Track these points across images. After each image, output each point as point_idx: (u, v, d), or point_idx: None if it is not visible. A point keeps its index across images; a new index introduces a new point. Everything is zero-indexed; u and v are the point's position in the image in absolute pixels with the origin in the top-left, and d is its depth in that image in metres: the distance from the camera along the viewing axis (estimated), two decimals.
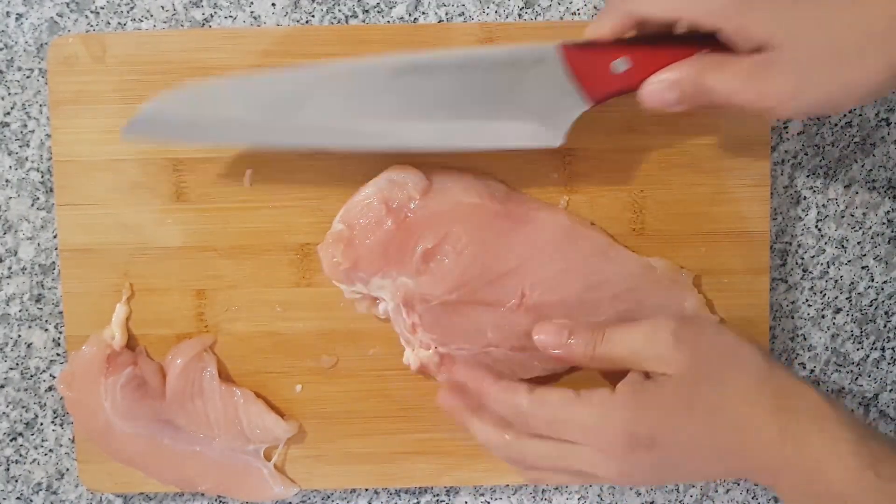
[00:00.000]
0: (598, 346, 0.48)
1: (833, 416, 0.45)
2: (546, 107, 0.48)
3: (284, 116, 0.49)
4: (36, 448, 0.57)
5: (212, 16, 0.54)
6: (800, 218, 0.56)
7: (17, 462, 0.57)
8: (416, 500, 0.58)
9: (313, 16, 0.54)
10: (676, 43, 0.46)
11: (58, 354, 0.56)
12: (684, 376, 0.46)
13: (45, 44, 0.54)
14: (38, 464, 0.57)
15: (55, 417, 0.57)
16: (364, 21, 0.54)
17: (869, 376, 0.57)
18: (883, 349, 0.57)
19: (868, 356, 0.57)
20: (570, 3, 0.54)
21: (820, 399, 0.45)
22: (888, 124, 0.55)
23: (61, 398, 0.56)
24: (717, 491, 0.57)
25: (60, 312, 0.56)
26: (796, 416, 0.45)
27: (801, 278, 0.56)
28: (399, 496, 0.58)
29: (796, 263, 0.56)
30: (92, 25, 0.54)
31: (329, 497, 0.58)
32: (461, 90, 0.48)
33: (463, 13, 0.54)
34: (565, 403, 0.46)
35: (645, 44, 0.46)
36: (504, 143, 0.49)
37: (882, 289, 0.56)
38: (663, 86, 0.46)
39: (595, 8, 0.54)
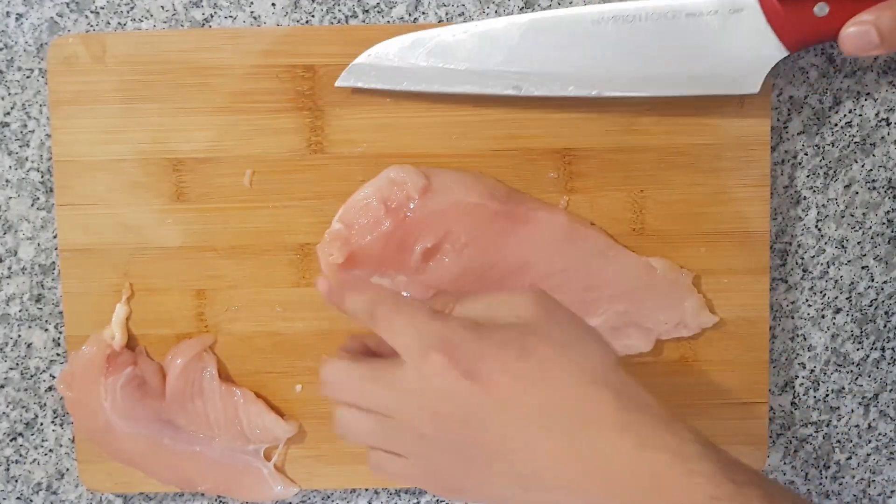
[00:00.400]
0: (457, 307, 0.45)
1: (678, 422, 0.40)
2: (744, 54, 0.50)
3: (497, 64, 0.51)
4: (36, 448, 0.57)
5: (212, 16, 0.54)
6: (800, 218, 0.56)
7: (17, 462, 0.57)
8: (416, 500, 0.58)
9: (313, 16, 0.54)
10: None
11: (58, 354, 0.56)
12: (531, 325, 0.42)
13: (45, 44, 0.54)
14: (38, 464, 0.57)
15: (55, 417, 0.57)
16: (364, 21, 0.54)
17: (869, 376, 0.57)
18: (883, 349, 0.57)
19: (868, 356, 0.57)
20: (570, 3, 0.54)
21: (664, 407, 0.41)
22: (888, 124, 0.55)
23: (61, 398, 0.56)
24: None
25: (60, 312, 0.56)
26: (640, 413, 0.40)
27: (801, 278, 0.56)
28: (399, 496, 0.58)
29: (796, 263, 0.56)
30: (92, 25, 0.54)
31: (329, 497, 0.58)
32: (659, 38, 0.50)
33: (463, 13, 0.54)
34: (412, 307, 0.43)
35: None
36: (702, 90, 0.50)
37: (882, 289, 0.56)
38: (862, 28, 0.46)
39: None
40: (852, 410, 0.57)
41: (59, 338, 0.56)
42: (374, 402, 0.43)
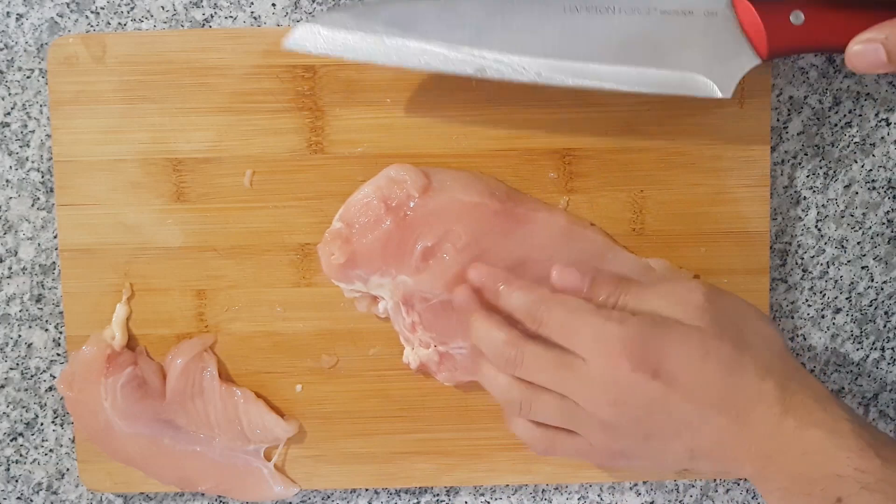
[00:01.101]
0: (621, 299, 0.47)
1: (834, 400, 0.44)
2: (716, 59, 0.49)
3: (460, 43, 0.49)
4: (36, 448, 0.57)
5: (212, 16, 0.54)
6: (800, 218, 0.56)
7: (17, 462, 0.57)
8: (416, 500, 0.58)
9: (313, 16, 0.54)
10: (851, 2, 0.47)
11: (58, 354, 0.56)
12: (706, 330, 0.45)
13: (46, 44, 0.54)
14: (39, 464, 0.57)
15: (55, 417, 0.57)
16: None
17: (869, 376, 0.57)
18: (883, 349, 0.57)
19: (868, 356, 0.57)
20: None
21: (821, 385, 0.45)
22: (888, 124, 0.55)
23: (61, 398, 0.56)
24: (716, 491, 0.57)
25: (60, 312, 0.56)
26: (801, 395, 0.44)
27: (801, 278, 0.56)
28: (399, 496, 0.58)
29: (796, 263, 0.56)
30: (92, 26, 0.54)
31: (329, 497, 0.58)
32: (630, 34, 0.49)
33: None
34: (583, 309, 0.45)
35: (819, 2, 0.47)
36: (671, 91, 0.49)
37: (882, 289, 0.56)
38: (870, 46, 0.46)
39: None
40: None
41: (59, 338, 0.56)
42: (563, 388, 0.46)
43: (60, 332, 0.56)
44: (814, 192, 0.56)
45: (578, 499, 0.57)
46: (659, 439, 0.45)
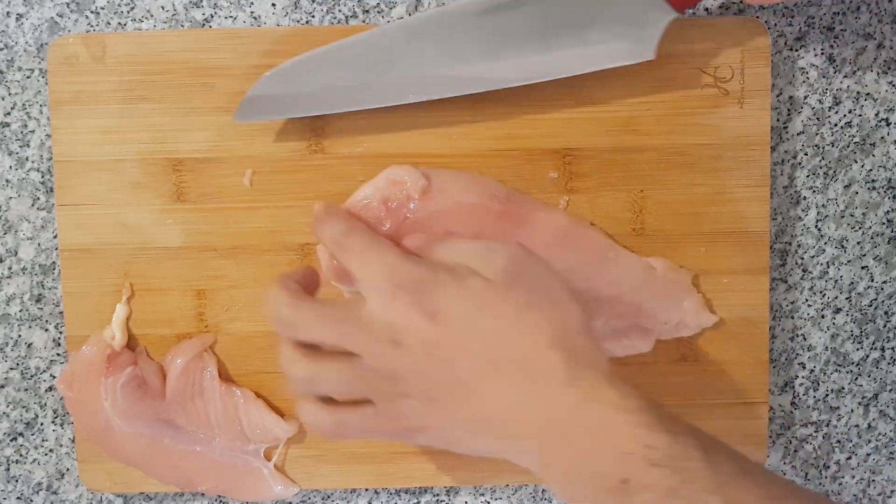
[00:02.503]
0: (432, 247, 0.46)
1: (624, 382, 0.42)
2: (633, 22, 0.49)
3: (382, 74, 0.50)
4: (36, 448, 0.57)
5: (212, 16, 0.54)
6: (800, 218, 0.56)
7: (17, 462, 0.57)
8: (416, 500, 0.58)
9: (313, 16, 0.54)
10: None
11: (58, 354, 0.56)
12: (494, 285, 0.43)
13: (46, 44, 0.54)
14: (39, 464, 0.57)
15: (55, 417, 0.57)
16: (364, 21, 0.54)
17: (869, 376, 0.57)
18: (883, 349, 0.57)
19: (868, 356, 0.57)
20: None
21: (613, 368, 0.43)
22: (888, 124, 0.55)
23: (61, 398, 0.56)
24: None
25: (60, 312, 0.56)
26: (590, 371, 0.42)
27: (801, 278, 0.56)
28: (399, 496, 0.58)
29: (796, 263, 0.56)
30: (92, 25, 0.54)
31: (329, 497, 0.58)
32: (548, 19, 0.49)
33: None
34: (383, 246, 0.45)
35: None
36: (598, 65, 0.50)
37: (882, 289, 0.56)
38: None
39: None
40: (852, 410, 0.57)
41: (59, 338, 0.56)
42: (340, 340, 0.44)
43: (60, 332, 0.56)
44: (814, 192, 0.56)
45: None
46: (443, 403, 0.43)
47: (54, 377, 0.56)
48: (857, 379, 0.57)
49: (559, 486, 0.42)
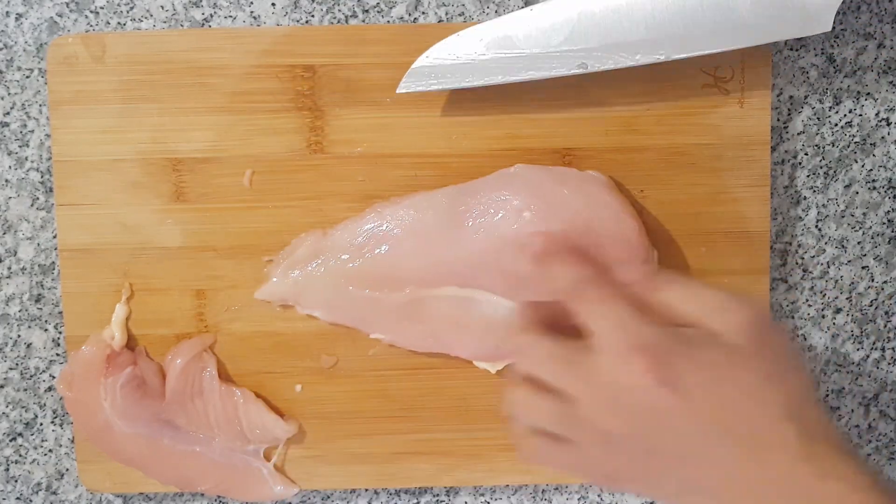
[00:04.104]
0: (668, 292, 0.45)
1: (856, 454, 0.41)
2: None
3: (559, 45, 0.50)
4: (36, 448, 0.57)
5: (211, 16, 0.54)
6: (800, 218, 0.56)
7: (16, 462, 0.57)
8: (416, 500, 0.58)
9: (313, 16, 0.54)
10: None
11: (57, 354, 0.56)
12: (737, 353, 0.42)
13: (45, 44, 0.54)
14: (38, 464, 0.57)
15: (55, 417, 0.57)
16: (364, 21, 0.54)
17: (869, 376, 0.57)
18: (883, 349, 0.57)
19: (868, 356, 0.57)
20: None
21: (844, 438, 0.42)
22: (888, 124, 0.55)
23: (61, 398, 0.56)
24: None
25: (60, 312, 0.56)
26: (823, 445, 0.41)
27: (801, 278, 0.56)
28: (399, 496, 0.58)
29: (796, 263, 0.56)
30: (92, 25, 0.54)
31: (329, 497, 0.58)
32: None
33: (463, 13, 0.54)
34: (620, 298, 0.44)
35: None
36: (773, 36, 0.49)
37: (882, 289, 0.56)
38: None
39: None
40: (852, 410, 0.57)
41: (58, 338, 0.56)
42: (563, 383, 0.43)
43: (60, 332, 0.56)
44: (814, 191, 0.56)
45: (578, 499, 0.57)
46: (660, 461, 0.43)
47: (54, 377, 0.56)
48: (857, 379, 0.57)
49: None
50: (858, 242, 0.56)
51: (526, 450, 0.46)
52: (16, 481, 0.57)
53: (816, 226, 0.56)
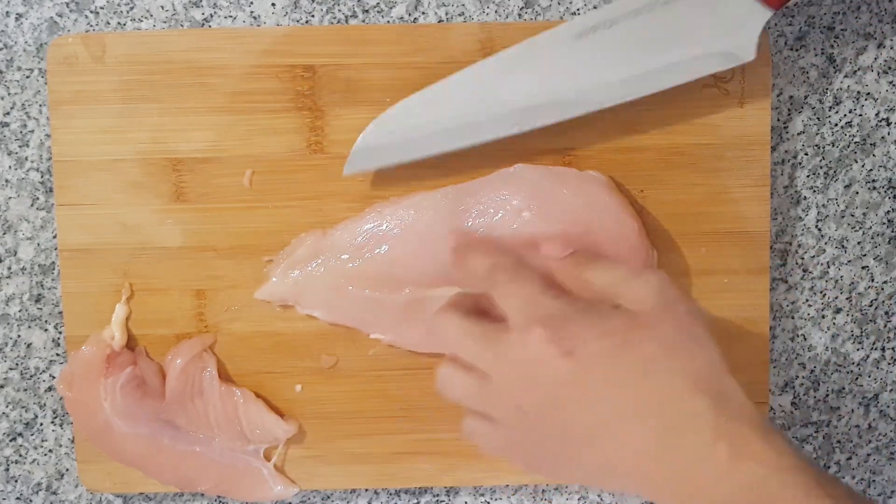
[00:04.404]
0: (586, 269, 0.45)
1: (777, 432, 0.39)
2: (730, 27, 0.49)
3: (487, 110, 0.50)
4: (36, 448, 0.57)
5: (211, 16, 0.54)
6: (800, 218, 0.56)
7: (16, 462, 0.57)
8: (416, 500, 0.58)
9: (313, 16, 0.54)
10: None
11: (57, 354, 0.56)
12: (644, 316, 0.42)
13: (45, 44, 0.54)
14: (38, 464, 0.57)
15: (55, 417, 0.57)
16: (364, 21, 0.54)
17: (869, 376, 0.57)
18: (883, 349, 0.57)
19: (868, 356, 0.57)
20: (570, 2, 0.54)
21: (764, 418, 0.40)
22: (888, 124, 0.55)
23: (61, 398, 0.56)
24: None
25: (60, 312, 0.56)
26: (738, 422, 0.39)
27: (801, 278, 0.56)
28: (399, 496, 0.58)
29: (796, 263, 0.56)
30: (92, 25, 0.54)
31: (329, 497, 0.58)
32: (643, 34, 0.49)
33: (463, 13, 0.54)
34: (528, 278, 0.44)
35: None
36: (700, 73, 0.50)
37: (882, 289, 0.56)
38: None
39: (594, 7, 0.54)
40: (852, 410, 0.57)
41: (58, 338, 0.56)
42: (477, 360, 0.44)
43: (60, 332, 0.56)
44: (814, 192, 0.56)
45: (578, 499, 0.57)
46: (572, 440, 0.42)
47: (54, 377, 0.56)
48: (857, 379, 0.57)
49: None
50: (858, 242, 0.56)
51: (464, 429, 0.46)
52: (16, 481, 0.57)
53: (816, 226, 0.56)
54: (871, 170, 0.55)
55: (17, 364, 0.56)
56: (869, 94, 0.55)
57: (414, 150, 0.51)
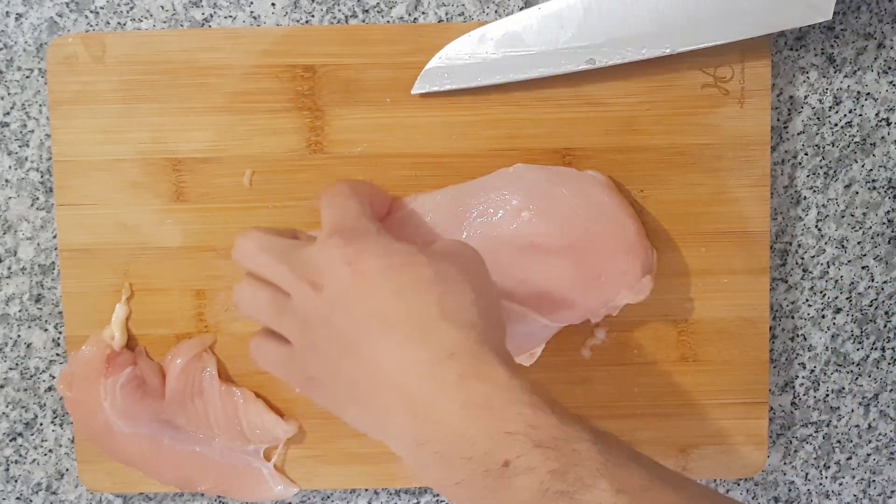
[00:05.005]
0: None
1: (512, 366, 0.40)
2: None
3: (567, 42, 0.51)
4: (35, 448, 0.57)
5: (211, 16, 0.54)
6: (800, 218, 0.56)
7: (16, 462, 0.57)
8: (415, 500, 0.58)
9: (313, 16, 0.54)
10: None
11: (57, 354, 0.56)
12: (426, 253, 0.43)
13: (45, 44, 0.54)
14: (38, 464, 0.57)
15: (55, 417, 0.57)
16: (364, 21, 0.54)
17: (869, 376, 0.57)
18: (883, 349, 0.57)
19: (868, 356, 0.57)
20: None
21: (506, 351, 0.42)
22: (888, 124, 0.55)
23: (61, 398, 0.56)
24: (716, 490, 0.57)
25: (60, 312, 0.56)
26: (479, 345, 0.40)
27: (801, 278, 0.56)
28: (399, 496, 0.58)
29: (796, 263, 0.56)
30: (91, 25, 0.54)
31: (329, 497, 0.58)
32: None
33: (463, 13, 0.54)
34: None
35: None
36: (774, 27, 0.50)
37: (882, 289, 0.56)
38: None
39: None
40: (852, 410, 0.57)
41: (58, 338, 0.56)
42: (275, 276, 0.45)
43: (60, 332, 0.56)
44: (814, 191, 0.56)
45: None
46: (333, 356, 0.43)
47: (54, 377, 0.56)
48: (857, 379, 0.57)
49: (431, 469, 0.39)
50: (858, 242, 0.56)
51: (252, 350, 0.47)
52: (16, 481, 0.57)
53: (816, 226, 0.56)
54: (871, 170, 0.55)
55: (17, 364, 0.56)
56: (869, 94, 0.55)
57: (484, 75, 0.52)
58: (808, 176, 0.55)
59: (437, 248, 0.45)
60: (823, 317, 0.57)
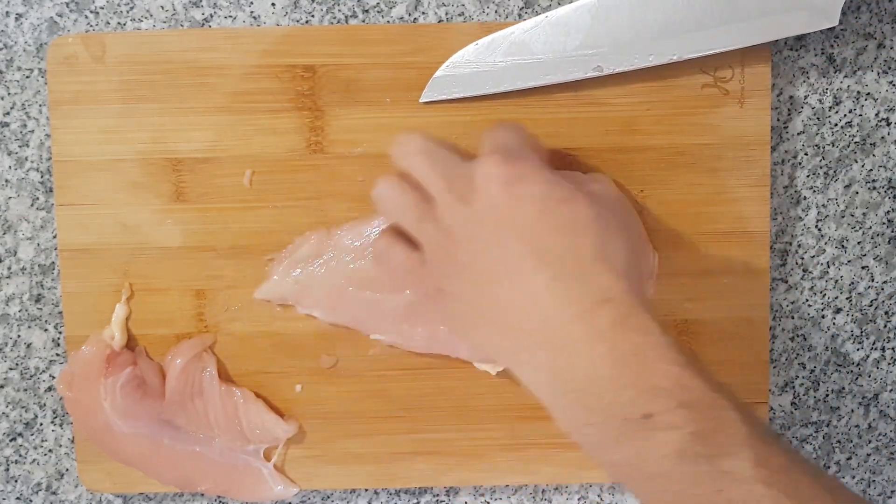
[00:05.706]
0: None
1: (660, 321, 0.40)
2: None
3: (574, 49, 0.51)
4: (35, 448, 0.57)
5: (211, 16, 0.54)
6: (800, 218, 0.56)
7: (16, 462, 0.57)
8: (415, 500, 0.58)
9: (313, 16, 0.54)
10: None
11: (57, 354, 0.56)
12: (584, 194, 0.43)
13: (45, 44, 0.54)
14: (38, 464, 0.57)
15: (55, 417, 0.57)
16: (364, 21, 0.54)
17: (869, 376, 0.57)
18: (883, 349, 0.57)
19: (868, 356, 0.57)
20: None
21: (656, 316, 0.41)
22: (888, 124, 0.55)
23: (61, 398, 0.56)
24: None
25: (60, 312, 0.56)
26: (632, 295, 0.40)
27: (801, 278, 0.56)
28: (399, 496, 0.58)
29: (796, 263, 0.56)
30: (92, 25, 0.54)
31: (329, 497, 0.58)
32: None
33: (463, 13, 0.54)
34: None
35: None
36: (781, 33, 0.50)
37: (882, 289, 0.56)
38: None
39: None
40: (852, 410, 0.57)
41: (58, 338, 0.56)
42: (427, 179, 0.45)
43: (60, 333, 0.56)
44: (814, 192, 0.56)
45: (578, 499, 0.57)
46: (476, 275, 0.42)
47: (54, 377, 0.56)
48: (857, 379, 0.57)
49: (565, 408, 0.39)
50: (858, 242, 0.56)
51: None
52: (16, 481, 0.57)
53: (816, 226, 0.56)
54: (871, 170, 0.55)
55: (17, 364, 0.56)
56: (869, 94, 0.55)
57: (491, 84, 0.52)
58: (808, 176, 0.55)
59: (595, 189, 0.45)
60: (823, 317, 0.57)
